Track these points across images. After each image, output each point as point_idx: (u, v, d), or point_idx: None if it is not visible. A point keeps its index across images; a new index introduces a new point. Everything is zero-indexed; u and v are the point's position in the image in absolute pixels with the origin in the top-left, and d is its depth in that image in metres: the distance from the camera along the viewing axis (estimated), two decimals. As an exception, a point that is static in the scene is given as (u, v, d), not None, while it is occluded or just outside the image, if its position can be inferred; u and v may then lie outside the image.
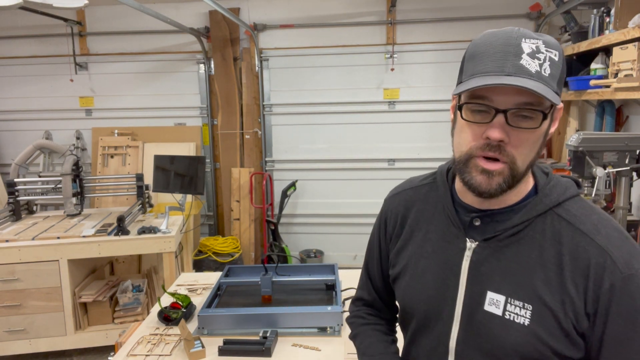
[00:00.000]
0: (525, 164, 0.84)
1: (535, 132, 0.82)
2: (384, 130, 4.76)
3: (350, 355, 1.66)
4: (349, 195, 4.89)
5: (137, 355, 1.70)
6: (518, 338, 0.85)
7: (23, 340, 3.15)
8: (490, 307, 0.88)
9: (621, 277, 0.81)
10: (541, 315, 0.84)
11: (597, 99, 3.61)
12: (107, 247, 3.14)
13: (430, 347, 0.98)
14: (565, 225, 0.86)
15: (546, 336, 0.83)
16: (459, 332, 0.92)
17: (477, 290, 0.90)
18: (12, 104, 5.00)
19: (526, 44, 0.79)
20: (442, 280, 0.95)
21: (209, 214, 5.10)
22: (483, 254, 0.90)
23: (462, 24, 4.52)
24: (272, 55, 4.77)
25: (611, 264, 0.81)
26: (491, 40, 0.82)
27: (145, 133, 4.84)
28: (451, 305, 0.93)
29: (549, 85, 0.79)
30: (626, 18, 2.91)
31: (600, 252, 0.83)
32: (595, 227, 0.85)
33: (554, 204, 0.88)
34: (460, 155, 0.87)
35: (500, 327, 0.87)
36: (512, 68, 0.78)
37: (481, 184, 0.84)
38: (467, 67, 0.85)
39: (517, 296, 0.86)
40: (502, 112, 0.80)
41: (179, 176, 3.42)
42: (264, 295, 1.98)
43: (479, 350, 0.90)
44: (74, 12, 4.77)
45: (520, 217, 0.88)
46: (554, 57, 0.80)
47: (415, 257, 1.01)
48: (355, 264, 4.95)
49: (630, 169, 2.52)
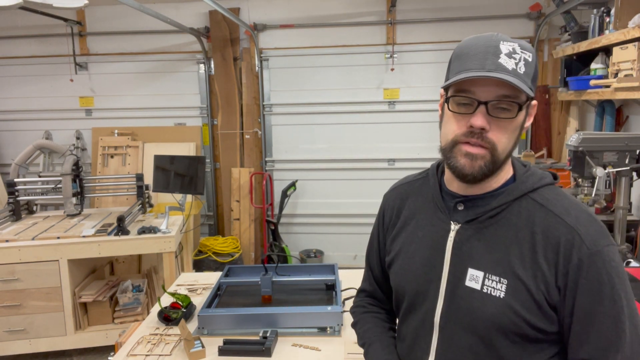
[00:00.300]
0: (504, 151, 0.94)
1: (512, 122, 0.93)
2: (383, 130, 4.76)
3: (350, 355, 1.66)
4: (349, 195, 4.89)
5: (137, 355, 1.70)
6: (494, 310, 0.93)
7: (23, 340, 3.15)
8: (471, 282, 0.97)
9: (588, 253, 0.89)
10: (515, 289, 0.92)
11: (597, 99, 3.61)
12: (107, 247, 3.14)
13: (417, 323, 1.06)
14: (538, 208, 0.96)
15: (519, 308, 0.91)
16: (442, 307, 1.00)
17: (459, 267, 0.99)
18: (12, 104, 5.00)
19: (504, 45, 0.91)
20: (428, 260, 1.04)
21: (209, 214, 5.10)
22: (465, 235, 1.00)
23: (462, 24, 4.52)
24: (272, 55, 4.77)
25: (579, 241, 0.90)
26: (474, 43, 0.94)
27: (145, 133, 4.84)
28: (437, 282, 1.02)
29: (523, 81, 0.90)
30: (626, 18, 2.91)
31: (569, 230, 0.92)
32: (566, 210, 0.95)
33: (529, 189, 0.98)
34: (447, 142, 0.97)
35: (478, 300, 0.95)
36: (492, 65, 0.89)
37: (465, 166, 0.94)
38: (454, 66, 0.97)
39: (494, 272, 0.94)
40: (484, 103, 0.91)
41: (179, 176, 3.42)
42: (264, 295, 1.98)
43: (460, 324, 0.98)
44: (74, 12, 4.77)
45: (498, 201, 0.98)
46: (527, 58, 0.92)
47: (407, 243, 1.10)
48: (355, 264, 4.94)
49: (630, 169, 2.52)
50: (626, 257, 2.65)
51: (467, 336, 0.97)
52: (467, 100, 0.93)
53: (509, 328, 0.93)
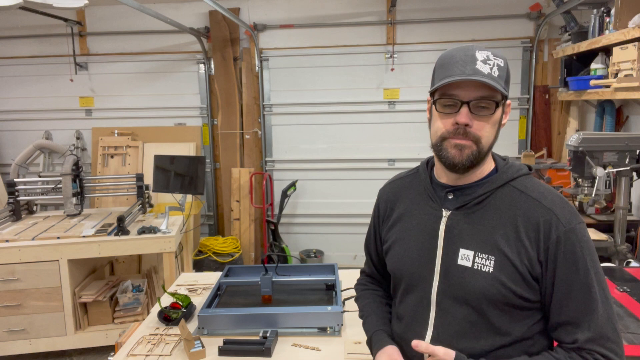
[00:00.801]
0: (487, 144, 1.09)
1: (491, 118, 1.08)
2: (383, 130, 4.76)
3: (350, 355, 1.66)
4: (349, 195, 4.89)
5: (137, 355, 1.70)
6: (484, 283, 1.07)
7: (23, 340, 3.15)
8: (462, 261, 1.11)
9: (564, 230, 1.04)
10: (502, 264, 1.07)
11: (597, 99, 3.61)
12: (107, 247, 3.14)
13: (415, 302, 1.19)
14: (519, 194, 1.11)
15: (506, 280, 1.06)
16: (438, 285, 1.14)
17: (451, 248, 1.13)
18: (12, 104, 5.00)
19: (479, 54, 1.06)
20: (423, 245, 1.18)
21: (209, 214, 5.10)
22: (455, 220, 1.14)
23: (462, 24, 4.52)
24: (272, 55, 4.77)
25: (556, 221, 1.05)
26: (454, 53, 1.09)
27: (145, 133, 4.84)
28: (432, 263, 1.16)
29: (497, 83, 1.05)
30: (626, 18, 2.91)
31: (547, 211, 1.07)
32: (542, 194, 1.10)
33: (509, 178, 1.13)
34: (436, 139, 1.12)
35: (470, 276, 1.09)
36: (471, 71, 1.04)
37: (455, 156, 1.08)
38: (437, 73, 1.12)
39: (483, 250, 1.09)
40: (466, 103, 1.06)
41: (179, 176, 3.42)
42: (264, 295, 1.98)
43: (454, 298, 1.12)
44: (74, 12, 4.77)
45: (483, 189, 1.13)
46: (500, 64, 1.07)
47: (402, 231, 1.25)
48: (355, 264, 4.94)
49: (630, 169, 2.52)
50: (626, 257, 2.65)
51: (462, 308, 1.10)
52: (452, 102, 1.07)
53: (497, 298, 1.07)
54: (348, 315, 1.90)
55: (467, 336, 1.10)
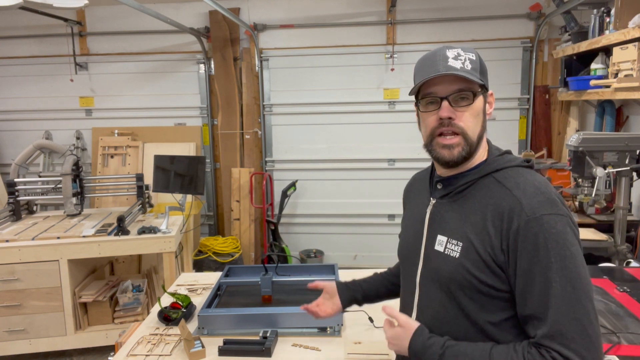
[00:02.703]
0: (474, 133, 1.13)
1: (471, 107, 1.12)
2: (384, 130, 4.76)
3: (350, 355, 1.66)
4: (349, 195, 4.89)
5: (137, 355, 1.70)
6: (451, 268, 1.12)
7: (23, 340, 3.15)
8: (438, 246, 1.17)
9: (526, 219, 1.03)
10: (467, 250, 1.10)
11: (597, 99, 3.61)
12: (107, 247, 3.14)
13: (406, 285, 1.29)
14: (496, 184, 1.13)
15: (470, 266, 1.09)
16: (421, 270, 1.22)
17: (432, 234, 1.20)
18: (12, 104, 5.00)
19: (450, 52, 1.14)
20: (414, 231, 1.26)
21: (209, 214, 5.10)
22: (438, 208, 1.21)
23: (462, 24, 4.52)
24: (272, 55, 4.77)
25: (519, 210, 1.05)
26: (427, 56, 1.19)
27: (145, 133, 4.84)
28: (419, 248, 1.23)
29: (471, 74, 1.11)
30: (626, 18, 2.91)
31: (514, 200, 1.07)
32: (517, 184, 1.09)
33: (492, 170, 1.15)
34: (427, 138, 1.19)
35: (441, 260, 1.15)
36: (443, 68, 1.11)
37: (445, 156, 1.14)
38: (415, 77, 1.22)
39: (454, 237, 1.14)
40: (445, 98, 1.12)
41: (179, 176, 3.42)
42: (264, 295, 1.98)
43: (431, 281, 1.18)
44: (74, 12, 4.77)
45: (465, 179, 1.17)
46: (471, 57, 1.14)
47: (406, 219, 1.36)
48: (355, 264, 4.95)
49: (630, 169, 2.52)
50: (626, 257, 2.65)
51: (437, 292, 1.16)
52: (432, 99, 1.15)
53: (462, 283, 1.10)
54: (348, 315, 1.90)
55: (441, 320, 1.15)
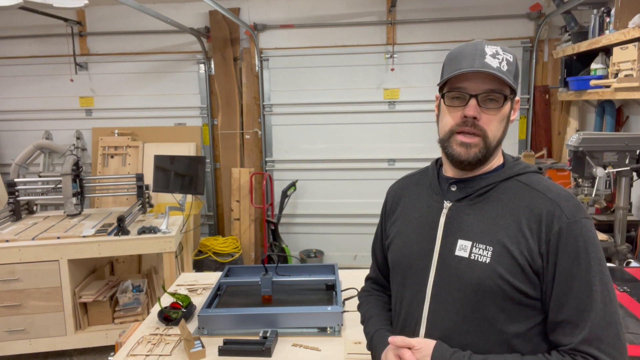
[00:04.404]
0: (495, 138, 1.08)
1: (499, 112, 1.07)
2: (384, 130, 4.76)
3: (350, 355, 1.66)
4: (349, 195, 4.89)
5: (137, 355, 1.70)
6: (481, 274, 1.04)
7: (23, 340, 3.15)
8: (460, 251, 1.08)
9: (567, 222, 1.01)
10: (500, 255, 1.04)
11: (597, 99, 3.61)
12: (107, 247, 3.14)
13: (411, 296, 1.16)
14: (523, 187, 1.10)
15: (504, 271, 1.03)
16: (434, 278, 1.12)
17: (450, 240, 1.11)
18: (12, 104, 5.00)
19: (488, 48, 1.06)
20: (422, 237, 1.16)
21: (209, 214, 5.10)
22: (456, 211, 1.13)
23: (462, 24, 4.52)
24: (272, 55, 4.77)
25: (559, 212, 1.02)
26: (463, 48, 1.10)
27: (145, 133, 4.84)
28: (429, 255, 1.13)
29: (506, 76, 1.05)
30: (626, 18, 2.91)
31: (551, 203, 1.04)
32: (547, 188, 1.08)
33: (515, 173, 1.12)
34: (444, 133, 1.11)
35: (466, 266, 1.07)
36: (480, 64, 1.04)
37: (461, 154, 1.08)
38: (447, 68, 1.11)
39: (481, 241, 1.06)
40: (474, 96, 1.05)
41: (179, 176, 3.42)
42: (264, 295, 1.98)
43: (450, 291, 1.09)
44: (74, 12, 4.77)
45: (487, 181, 1.12)
46: (509, 59, 1.07)
47: (404, 224, 1.24)
48: (355, 264, 4.94)
49: (630, 169, 2.52)
50: (626, 257, 2.65)
51: (456, 302, 1.07)
52: (460, 95, 1.07)
53: (494, 290, 1.03)
54: (348, 315, 1.90)
55: (459, 332, 1.07)
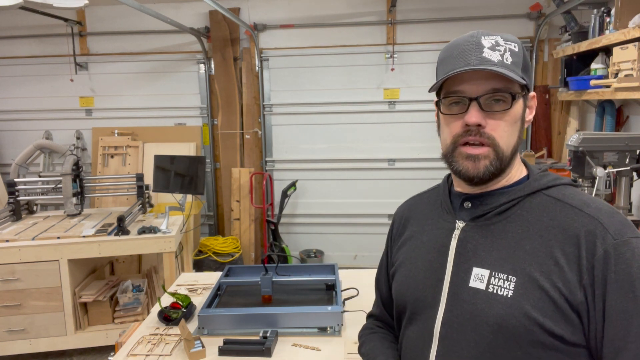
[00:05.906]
0: (508, 146, 0.89)
1: (508, 113, 0.88)
2: (384, 130, 4.76)
3: (350, 355, 1.66)
4: (349, 195, 4.89)
5: (137, 355, 1.70)
6: (501, 310, 0.83)
7: (23, 340, 3.15)
8: (475, 282, 0.88)
9: (614, 244, 0.79)
10: (526, 287, 0.82)
11: (597, 99, 3.60)
12: (107, 247, 3.14)
13: (416, 335, 0.97)
14: (554, 202, 0.88)
15: (530, 308, 0.80)
16: (444, 315, 0.91)
17: (463, 267, 0.91)
18: (12, 104, 5.00)
19: (486, 40, 0.88)
20: (431, 264, 0.96)
21: (209, 214, 5.10)
22: (470, 232, 0.93)
23: (462, 24, 4.52)
24: (272, 55, 4.77)
25: (602, 231, 0.80)
26: (456, 44, 0.91)
27: (145, 133, 4.84)
28: (438, 286, 0.93)
29: (512, 71, 0.86)
30: (626, 18, 2.91)
31: (590, 220, 0.82)
32: (585, 202, 0.86)
33: (543, 187, 0.91)
34: (447, 147, 0.93)
35: (483, 301, 0.85)
36: (476, 60, 0.86)
37: (469, 169, 0.89)
38: (439, 70, 0.93)
39: (502, 269, 0.85)
40: (475, 99, 0.87)
41: (179, 176, 3.42)
42: (264, 295, 1.97)
43: (462, 332, 0.87)
44: (74, 12, 4.77)
45: (508, 197, 0.91)
46: (513, 49, 0.88)
47: (411, 249, 1.04)
48: (355, 264, 4.95)
49: (630, 169, 2.52)
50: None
51: (470, 346, 0.86)
52: (458, 99, 0.89)
53: (518, 332, 0.81)
54: (348, 315, 1.90)
55: None
